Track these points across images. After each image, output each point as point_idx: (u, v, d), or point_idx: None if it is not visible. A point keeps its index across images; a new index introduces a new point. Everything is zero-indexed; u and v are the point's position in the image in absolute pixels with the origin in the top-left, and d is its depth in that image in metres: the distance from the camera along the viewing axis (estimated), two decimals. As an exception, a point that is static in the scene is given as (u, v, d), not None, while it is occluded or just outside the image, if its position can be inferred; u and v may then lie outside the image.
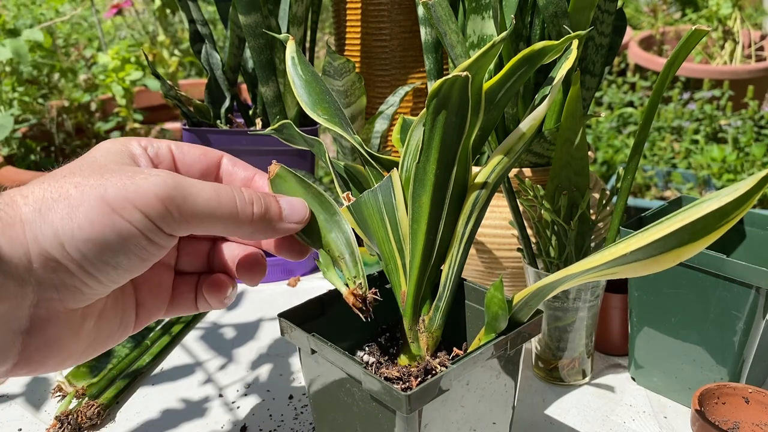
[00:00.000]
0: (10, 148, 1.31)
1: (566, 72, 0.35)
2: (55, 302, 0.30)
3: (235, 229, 0.34)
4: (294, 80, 0.41)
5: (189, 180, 0.32)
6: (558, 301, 0.52)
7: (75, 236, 0.29)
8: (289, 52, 0.43)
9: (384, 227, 0.39)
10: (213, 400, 0.55)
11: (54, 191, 0.30)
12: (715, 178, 1.44)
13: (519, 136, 0.37)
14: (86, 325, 0.33)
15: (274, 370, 0.59)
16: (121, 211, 0.30)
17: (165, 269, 0.39)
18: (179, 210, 0.31)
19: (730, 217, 0.25)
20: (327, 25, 2.04)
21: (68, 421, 0.50)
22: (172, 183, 0.31)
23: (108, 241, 0.30)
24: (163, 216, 0.31)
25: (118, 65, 1.32)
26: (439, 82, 0.31)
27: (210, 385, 0.57)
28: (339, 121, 0.41)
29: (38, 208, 0.29)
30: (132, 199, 0.30)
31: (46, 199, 0.30)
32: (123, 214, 0.30)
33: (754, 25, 2.17)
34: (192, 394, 0.56)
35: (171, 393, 0.56)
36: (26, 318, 0.30)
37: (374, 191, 0.38)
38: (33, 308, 0.30)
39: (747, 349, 0.47)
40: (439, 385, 0.33)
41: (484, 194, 0.37)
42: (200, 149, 0.39)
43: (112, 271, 0.31)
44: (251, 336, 0.65)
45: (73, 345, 0.33)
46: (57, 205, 0.29)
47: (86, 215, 0.29)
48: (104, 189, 0.30)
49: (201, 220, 0.32)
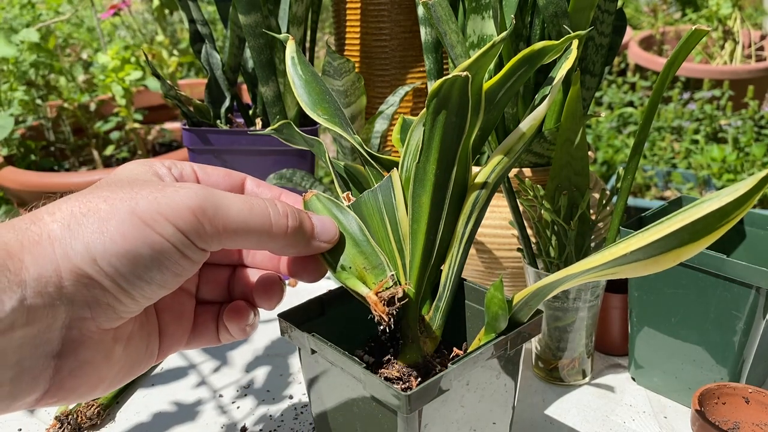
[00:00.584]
0: (9, 149, 1.31)
1: (566, 72, 0.35)
2: (88, 321, 0.30)
3: (269, 242, 0.33)
4: (294, 80, 0.41)
5: (221, 192, 0.32)
6: (558, 301, 0.52)
7: (107, 250, 0.28)
8: (289, 52, 0.43)
9: (384, 227, 0.39)
10: (213, 400, 0.55)
11: (83, 206, 0.29)
12: (715, 178, 1.44)
13: (519, 136, 0.37)
14: (117, 348, 0.32)
15: (274, 370, 0.59)
16: (153, 224, 0.29)
17: (186, 296, 0.38)
18: (211, 222, 0.31)
19: (731, 218, 0.25)
20: (327, 25, 2.04)
21: (68, 421, 0.50)
22: (203, 194, 0.31)
23: (141, 255, 0.29)
24: (196, 228, 0.30)
25: (118, 65, 1.32)
26: (439, 82, 0.31)
27: (210, 385, 0.57)
28: (339, 121, 0.41)
29: (67, 224, 0.29)
30: (164, 211, 0.29)
31: (74, 214, 0.29)
32: (155, 227, 0.29)
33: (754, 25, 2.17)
34: (192, 395, 0.56)
35: (171, 393, 0.56)
36: (58, 340, 0.29)
37: (374, 191, 0.38)
38: (65, 329, 0.29)
39: (747, 349, 0.47)
40: (439, 385, 0.33)
41: (484, 194, 0.37)
42: (223, 171, 0.38)
43: (146, 286, 0.30)
44: (251, 336, 0.65)
45: (105, 369, 0.32)
46: (87, 220, 0.29)
47: (118, 229, 0.29)
48: (135, 202, 0.29)
49: (234, 232, 0.32)
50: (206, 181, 0.37)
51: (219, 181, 0.38)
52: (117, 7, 1.50)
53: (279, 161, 0.74)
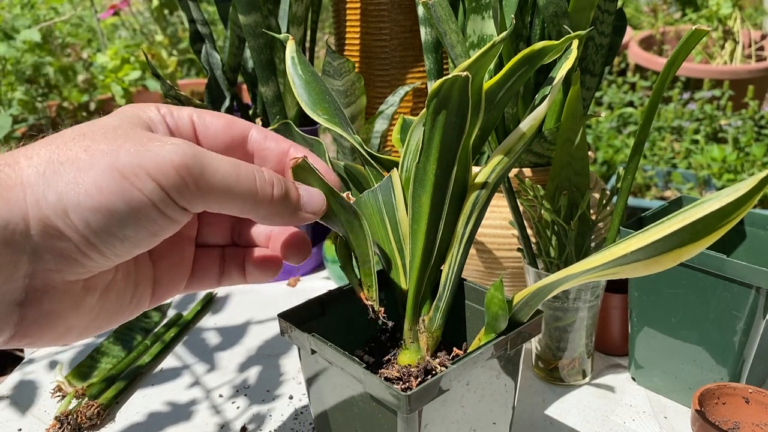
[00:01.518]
0: (9, 148, 1.31)
1: (566, 72, 0.35)
2: (52, 273, 0.28)
3: (252, 209, 0.32)
4: (294, 80, 0.41)
5: (208, 152, 0.30)
6: (558, 301, 0.52)
7: (81, 203, 0.27)
8: (289, 52, 0.43)
9: (384, 227, 0.38)
10: (213, 399, 0.55)
11: (61, 154, 0.28)
12: (715, 178, 1.44)
13: (519, 136, 0.37)
14: (89, 298, 0.31)
15: (274, 370, 0.59)
16: (133, 178, 0.27)
17: (186, 242, 0.37)
18: (196, 182, 0.29)
19: (731, 218, 0.25)
20: (327, 25, 2.04)
21: (68, 421, 0.50)
22: (190, 152, 0.29)
23: (116, 211, 0.28)
24: (178, 187, 0.28)
25: (117, 65, 1.32)
26: (439, 82, 0.31)
27: (210, 385, 0.57)
28: (339, 121, 0.41)
29: (42, 171, 0.27)
30: (146, 165, 0.28)
31: (52, 161, 0.27)
32: (134, 182, 0.28)
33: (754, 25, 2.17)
34: (191, 395, 0.56)
35: (171, 393, 0.56)
36: (21, 289, 0.28)
37: (374, 191, 0.38)
38: (28, 279, 0.28)
39: (747, 349, 0.47)
40: (439, 385, 0.33)
41: (484, 194, 0.37)
42: (225, 119, 0.36)
43: (118, 243, 0.29)
44: (251, 336, 0.65)
45: (73, 318, 0.31)
46: (64, 169, 0.27)
47: (95, 181, 0.27)
48: (116, 155, 0.28)
49: (218, 195, 0.30)
50: (204, 132, 0.35)
51: (219, 132, 0.35)
52: (117, 7, 1.50)
53: None
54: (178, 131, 0.34)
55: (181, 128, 0.34)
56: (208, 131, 0.35)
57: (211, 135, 0.35)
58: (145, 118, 0.33)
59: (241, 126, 0.36)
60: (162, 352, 0.62)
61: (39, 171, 0.27)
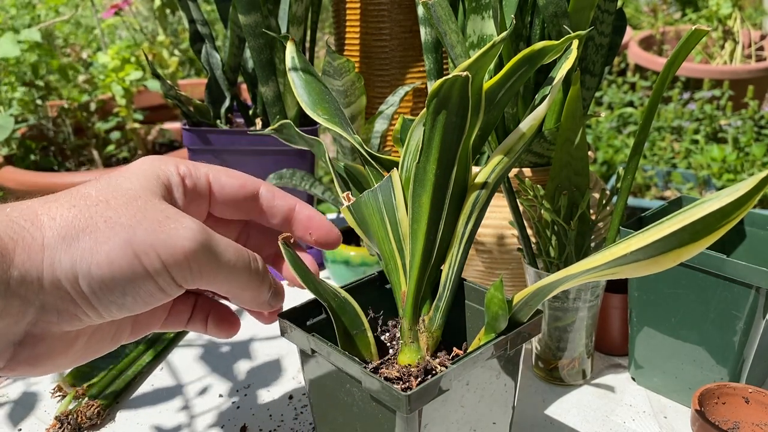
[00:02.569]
0: (9, 148, 1.31)
1: (566, 72, 0.35)
2: (52, 324, 0.31)
3: (238, 296, 0.36)
4: (294, 80, 0.41)
5: (216, 238, 0.33)
6: (558, 301, 0.52)
7: (91, 272, 0.30)
8: (290, 52, 0.43)
9: (384, 227, 0.38)
10: (213, 399, 0.55)
11: (83, 220, 0.30)
12: (715, 178, 1.44)
13: (519, 136, 0.37)
14: (78, 342, 0.34)
15: (274, 370, 0.59)
16: (144, 257, 0.30)
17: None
18: (200, 268, 0.32)
19: (731, 218, 0.25)
20: (327, 25, 2.04)
21: (68, 421, 0.50)
22: (201, 239, 0.32)
23: (120, 283, 0.30)
24: (183, 271, 0.31)
25: (118, 65, 1.32)
26: (439, 82, 0.31)
27: (210, 384, 0.57)
28: (339, 121, 0.41)
29: (63, 235, 0.30)
30: (158, 247, 0.30)
31: (73, 226, 0.30)
32: (144, 260, 0.30)
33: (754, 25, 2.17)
34: (192, 394, 0.56)
35: (170, 393, 0.56)
36: (21, 333, 0.30)
37: (374, 191, 0.38)
38: (30, 326, 0.30)
39: (747, 349, 0.47)
40: (439, 385, 0.33)
41: (484, 194, 0.37)
42: (239, 180, 0.39)
43: (115, 309, 0.31)
44: (251, 336, 0.65)
45: (61, 359, 0.33)
46: (82, 236, 0.30)
47: (108, 254, 0.30)
48: (133, 232, 0.30)
49: (215, 281, 0.33)
50: (220, 193, 0.38)
51: (233, 194, 0.39)
52: (118, 6, 1.50)
53: (279, 161, 0.74)
54: (195, 194, 0.37)
55: (199, 190, 0.37)
56: (223, 192, 0.39)
57: (227, 196, 0.39)
58: (164, 180, 0.35)
59: (252, 185, 0.39)
60: (162, 352, 0.62)
61: (59, 234, 0.30)
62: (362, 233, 0.41)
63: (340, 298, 0.39)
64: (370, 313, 0.42)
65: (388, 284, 0.44)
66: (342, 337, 0.39)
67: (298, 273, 0.37)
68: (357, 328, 0.40)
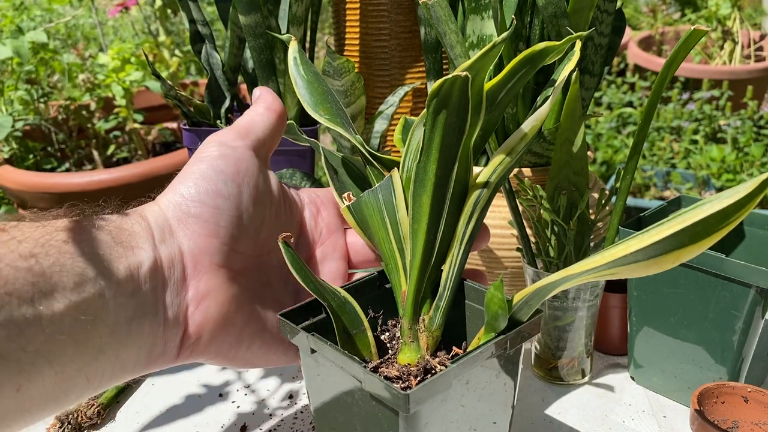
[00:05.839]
0: (10, 148, 1.31)
1: (568, 73, 0.36)
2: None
3: None
4: (296, 80, 0.42)
5: None
6: (557, 301, 0.52)
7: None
8: (292, 52, 0.43)
9: (384, 227, 0.39)
10: (213, 399, 0.55)
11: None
12: (714, 178, 1.44)
13: (521, 136, 0.37)
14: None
15: (274, 370, 0.59)
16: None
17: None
18: None
19: (731, 220, 0.25)
20: (327, 25, 2.04)
21: (68, 421, 0.50)
22: None
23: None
24: None
25: (118, 65, 1.32)
26: (439, 82, 0.31)
27: (210, 384, 0.57)
28: (341, 121, 0.41)
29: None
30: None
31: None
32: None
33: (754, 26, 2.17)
34: (192, 394, 0.56)
35: (171, 393, 0.56)
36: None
37: (374, 191, 0.38)
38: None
39: (746, 348, 0.47)
40: (439, 384, 0.33)
41: (485, 194, 0.37)
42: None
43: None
44: (251, 336, 0.65)
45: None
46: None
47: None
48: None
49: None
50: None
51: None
52: (124, 5, 1.50)
53: (279, 161, 0.74)
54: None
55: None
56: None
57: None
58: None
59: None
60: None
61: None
62: (362, 233, 0.41)
63: (340, 297, 0.39)
64: (370, 312, 0.42)
65: (388, 284, 0.44)
66: (342, 336, 0.39)
67: (298, 273, 0.37)
68: (357, 328, 0.40)
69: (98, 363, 0.31)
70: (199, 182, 0.36)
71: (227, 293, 0.37)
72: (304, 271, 0.38)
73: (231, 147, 0.38)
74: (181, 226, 0.36)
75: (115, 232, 0.33)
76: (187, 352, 0.36)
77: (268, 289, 0.40)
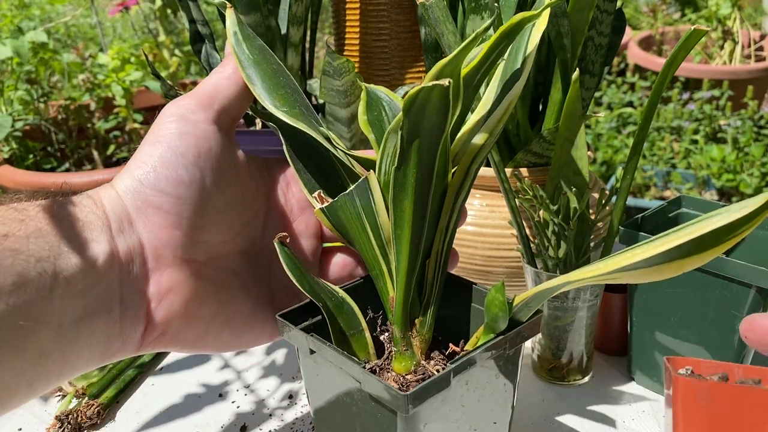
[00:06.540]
0: (9, 148, 1.31)
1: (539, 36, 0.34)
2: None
3: None
4: (241, 60, 0.37)
5: None
6: (557, 301, 0.52)
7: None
8: (230, 25, 0.37)
9: (365, 232, 0.37)
10: (213, 399, 0.55)
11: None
12: (714, 178, 1.44)
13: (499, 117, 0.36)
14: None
15: (274, 370, 0.59)
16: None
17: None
18: None
19: (737, 232, 0.25)
20: (327, 25, 2.04)
21: (68, 421, 0.50)
22: None
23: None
24: None
25: (118, 65, 1.32)
26: (415, 90, 0.29)
27: (209, 384, 0.57)
28: (300, 111, 0.37)
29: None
30: None
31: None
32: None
33: (754, 25, 2.17)
34: (191, 394, 0.56)
35: (171, 393, 0.56)
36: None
37: (351, 194, 0.36)
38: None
39: (746, 348, 0.47)
40: (439, 384, 0.33)
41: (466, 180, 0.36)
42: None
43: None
44: (251, 336, 0.65)
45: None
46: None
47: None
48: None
49: None
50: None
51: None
52: (124, 4, 1.50)
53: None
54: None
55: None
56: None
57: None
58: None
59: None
60: (162, 352, 0.62)
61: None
62: (339, 235, 0.39)
63: (338, 297, 0.39)
64: (369, 313, 0.42)
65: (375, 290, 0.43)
66: (337, 337, 0.39)
67: (293, 273, 0.36)
68: (354, 329, 0.39)
69: (41, 367, 0.29)
70: (159, 168, 0.34)
71: (192, 287, 0.35)
72: (300, 271, 0.37)
73: (191, 122, 0.35)
74: (141, 216, 0.33)
75: (67, 222, 0.30)
76: (150, 345, 0.34)
77: (235, 276, 0.38)
